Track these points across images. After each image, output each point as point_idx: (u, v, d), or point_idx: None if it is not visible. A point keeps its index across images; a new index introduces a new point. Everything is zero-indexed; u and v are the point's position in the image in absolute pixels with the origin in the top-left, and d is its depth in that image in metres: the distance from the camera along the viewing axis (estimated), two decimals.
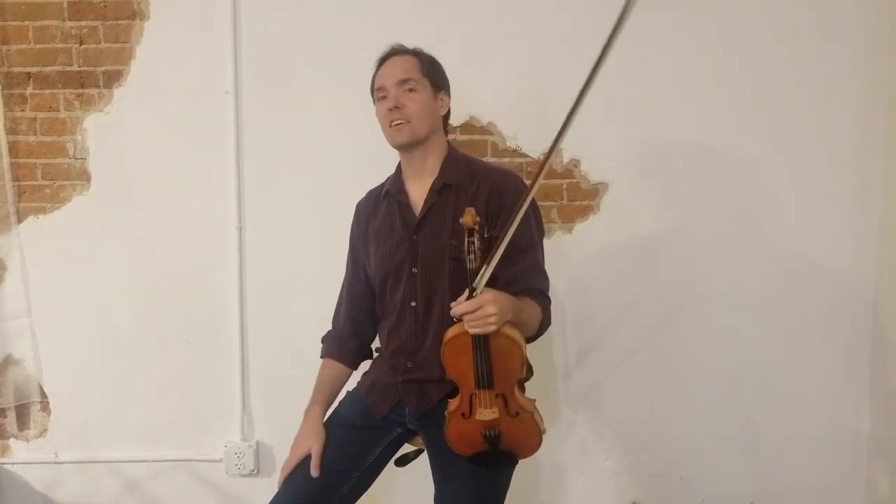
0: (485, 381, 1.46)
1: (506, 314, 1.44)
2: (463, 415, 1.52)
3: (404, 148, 1.69)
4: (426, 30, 2.18)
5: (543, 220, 2.32)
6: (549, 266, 1.71)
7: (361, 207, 1.84)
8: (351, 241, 1.86)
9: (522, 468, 1.65)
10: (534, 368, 1.70)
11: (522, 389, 1.61)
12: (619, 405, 2.40)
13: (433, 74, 1.70)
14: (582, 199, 2.36)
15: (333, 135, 2.36)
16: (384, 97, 1.67)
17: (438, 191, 1.67)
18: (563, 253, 2.34)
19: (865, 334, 2.33)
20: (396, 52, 1.71)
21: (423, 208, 1.68)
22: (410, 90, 1.65)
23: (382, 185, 1.81)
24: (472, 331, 1.42)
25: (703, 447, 2.39)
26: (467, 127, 2.33)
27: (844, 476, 2.37)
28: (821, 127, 2.29)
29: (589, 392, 2.41)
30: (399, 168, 1.77)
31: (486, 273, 1.41)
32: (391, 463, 1.77)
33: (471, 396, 1.50)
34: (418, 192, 1.70)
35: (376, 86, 1.71)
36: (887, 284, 2.27)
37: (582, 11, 2.30)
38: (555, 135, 1.47)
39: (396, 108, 1.64)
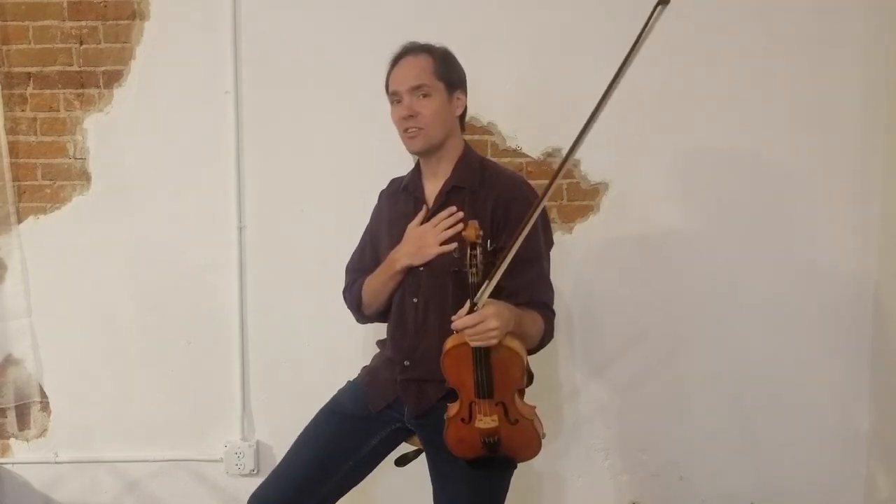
0: (485, 391, 1.47)
1: (507, 326, 1.43)
2: (462, 420, 1.52)
3: (419, 154, 1.69)
4: (426, 30, 2.17)
5: None
6: (552, 268, 1.71)
7: (384, 197, 1.84)
8: (369, 225, 1.85)
9: (522, 468, 1.65)
10: (533, 371, 1.70)
11: (522, 395, 1.61)
12: (619, 405, 2.40)
13: (447, 74, 1.66)
14: (582, 199, 2.36)
15: (333, 134, 2.36)
16: (398, 101, 1.65)
17: (448, 192, 1.66)
18: (563, 253, 2.32)
19: (865, 334, 2.33)
20: (409, 51, 1.67)
21: (432, 208, 1.67)
22: (424, 95, 1.62)
23: (403, 177, 1.80)
24: (474, 344, 1.42)
25: (703, 447, 2.39)
26: (467, 127, 2.30)
27: (844, 476, 2.37)
28: (821, 127, 2.28)
29: (589, 392, 2.41)
30: (418, 165, 1.76)
31: (488, 289, 1.41)
32: (391, 463, 1.77)
33: (470, 404, 1.50)
34: (433, 191, 1.70)
35: (390, 90, 1.68)
36: (888, 284, 2.27)
37: (582, 11, 2.30)
38: (566, 141, 1.47)
39: (410, 116, 1.62)
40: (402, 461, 1.76)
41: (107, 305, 2.43)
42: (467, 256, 1.42)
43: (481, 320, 1.39)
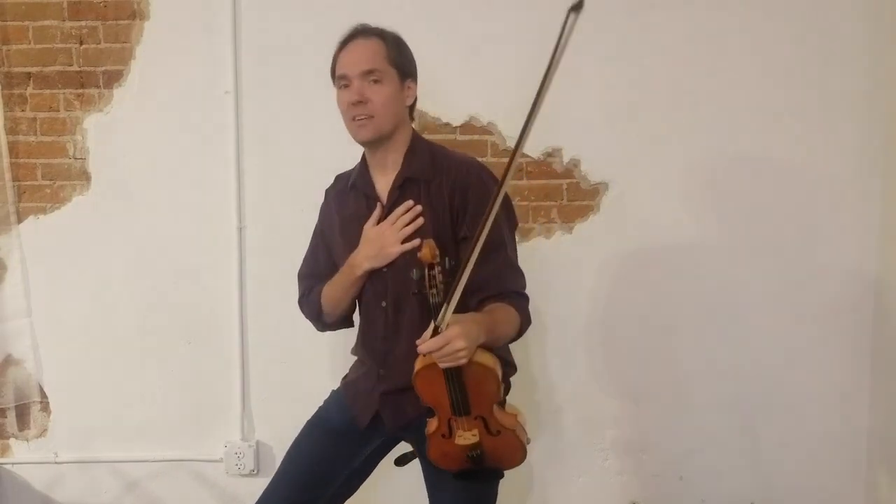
0: (461, 408, 1.43)
1: (476, 342, 1.36)
2: (443, 436, 1.49)
3: (368, 144, 1.61)
4: (427, 29, 2.18)
5: (543, 220, 2.35)
6: (549, 266, 1.71)
7: (331, 196, 1.76)
8: (320, 227, 1.78)
9: (523, 468, 1.64)
10: (496, 361, 1.68)
11: (504, 401, 1.59)
12: (619, 405, 2.40)
13: (400, 61, 1.57)
14: (582, 199, 2.35)
15: (333, 134, 2.34)
16: (346, 86, 1.55)
17: (400, 186, 1.58)
18: (562, 253, 2.33)
19: (866, 334, 2.33)
20: (359, 33, 1.59)
21: (387, 205, 1.59)
22: (375, 81, 1.53)
23: (350, 172, 1.72)
24: (443, 365, 1.36)
25: (703, 447, 2.39)
26: (467, 127, 2.33)
27: (844, 476, 2.37)
28: (821, 127, 2.28)
29: (589, 392, 2.40)
30: (364, 159, 1.68)
31: (449, 309, 1.34)
32: (391, 463, 1.76)
33: (449, 420, 1.47)
34: (385, 185, 1.61)
35: (337, 73, 1.58)
36: (888, 285, 2.27)
37: (582, 12, 2.30)
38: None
39: (360, 102, 1.53)
40: (402, 461, 1.74)
41: (107, 305, 2.43)
42: (426, 278, 1.36)
43: (446, 343, 1.31)
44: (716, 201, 2.32)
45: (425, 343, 1.34)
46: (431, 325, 1.36)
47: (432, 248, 1.37)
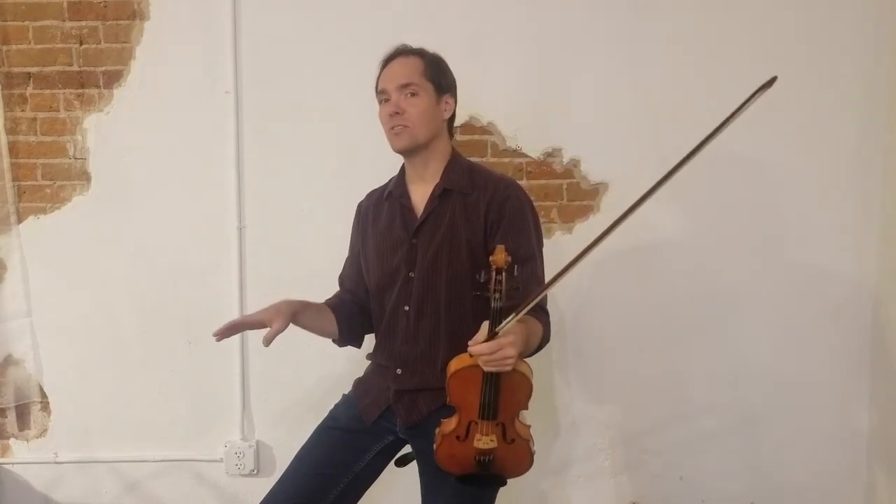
0: (490, 413, 1.45)
1: (520, 351, 1.41)
2: (458, 437, 1.50)
3: (405, 153, 1.68)
4: (426, 29, 2.18)
5: (543, 220, 2.35)
6: (549, 266, 1.71)
7: (363, 208, 1.83)
8: (351, 240, 1.85)
9: None
10: (532, 371, 1.69)
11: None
12: (619, 405, 2.40)
13: (437, 77, 1.66)
14: (582, 199, 2.36)
15: (333, 134, 2.36)
16: (386, 100, 1.65)
17: (439, 196, 1.66)
18: (563, 253, 2.31)
19: (866, 335, 2.33)
20: (400, 52, 1.68)
21: (423, 212, 1.66)
22: (412, 94, 1.62)
23: (385, 186, 1.79)
24: (487, 369, 1.39)
25: (703, 447, 2.39)
26: (467, 127, 2.33)
27: (844, 476, 2.37)
28: (821, 127, 2.28)
29: (589, 392, 2.41)
30: (402, 170, 1.76)
31: (513, 321, 1.37)
32: (391, 465, 1.76)
33: (469, 423, 1.49)
34: (420, 196, 1.69)
35: (379, 88, 1.68)
36: (888, 285, 2.27)
37: (582, 11, 2.30)
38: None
39: (397, 113, 1.62)
40: (402, 462, 1.75)
41: (107, 305, 2.43)
42: (492, 281, 1.39)
43: (499, 349, 1.36)
44: (716, 203, 2.32)
45: (479, 345, 1.37)
46: (484, 328, 1.39)
47: (505, 255, 1.40)
